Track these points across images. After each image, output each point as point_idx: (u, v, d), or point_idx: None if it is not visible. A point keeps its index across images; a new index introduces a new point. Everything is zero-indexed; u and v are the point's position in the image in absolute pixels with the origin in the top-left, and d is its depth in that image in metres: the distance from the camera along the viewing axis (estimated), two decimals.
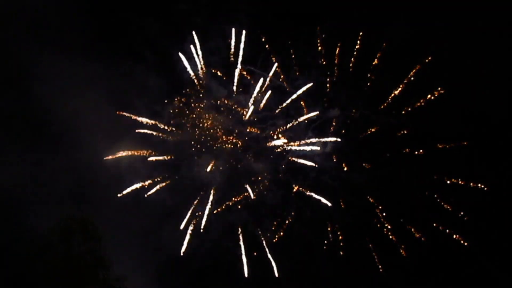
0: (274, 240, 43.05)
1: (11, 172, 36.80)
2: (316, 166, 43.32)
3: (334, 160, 44.01)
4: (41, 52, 39.64)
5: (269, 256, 42.41)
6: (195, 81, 44.26)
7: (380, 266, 41.77)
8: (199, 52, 43.73)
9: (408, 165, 42.13)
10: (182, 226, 42.12)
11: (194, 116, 44.67)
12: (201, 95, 44.60)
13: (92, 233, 30.68)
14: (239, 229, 43.37)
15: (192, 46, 43.53)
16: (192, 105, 44.58)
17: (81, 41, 40.68)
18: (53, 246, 29.85)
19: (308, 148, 43.63)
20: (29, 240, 30.62)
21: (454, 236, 40.71)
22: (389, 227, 41.98)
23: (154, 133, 43.61)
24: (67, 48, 40.15)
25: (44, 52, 39.64)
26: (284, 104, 44.01)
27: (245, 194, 43.95)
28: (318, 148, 43.42)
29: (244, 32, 43.29)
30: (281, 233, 43.21)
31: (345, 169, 43.86)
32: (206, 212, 42.96)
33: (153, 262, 40.19)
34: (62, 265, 29.50)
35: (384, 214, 42.14)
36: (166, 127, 44.01)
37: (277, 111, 44.36)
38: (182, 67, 43.91)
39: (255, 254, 42.63)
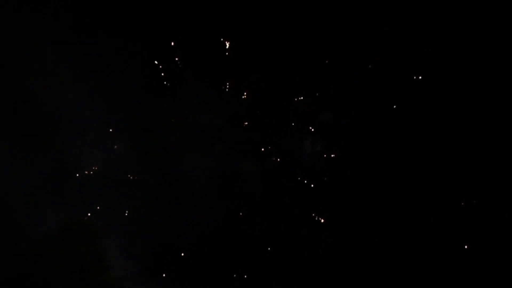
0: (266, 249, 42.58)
1: (9, 172, 36.11)
2: (306, 182, 43.26)
3: (328, 165, 43.93)
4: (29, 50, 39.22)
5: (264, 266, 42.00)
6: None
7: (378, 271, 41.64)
8: (186, 57, 43.76)
9: (406, 168, 42.24)
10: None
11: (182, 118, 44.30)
12: (190, 98, 44.27)
13: (92, 234, 29.85)
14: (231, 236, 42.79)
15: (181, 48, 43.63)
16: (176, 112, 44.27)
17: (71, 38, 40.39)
18: (53, 247, 28.75)
19: (300, 154, 43.71)
20: (29, 241, 29.85)
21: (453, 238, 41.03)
22: (387, 229, 42.01)
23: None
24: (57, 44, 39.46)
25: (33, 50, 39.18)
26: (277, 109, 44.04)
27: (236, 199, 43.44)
28: (310, 156, 43.56)
29: (227, 43, 43.49)
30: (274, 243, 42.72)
31: (340, 173, 43.79)
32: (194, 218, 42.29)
33: (150, 262, 39.60)
34: (62, 266, 28.49)
35: (381, 217, 42.11)
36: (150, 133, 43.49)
37: (269, 116, 44.35)
38: (171, 70, 43.81)
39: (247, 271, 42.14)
